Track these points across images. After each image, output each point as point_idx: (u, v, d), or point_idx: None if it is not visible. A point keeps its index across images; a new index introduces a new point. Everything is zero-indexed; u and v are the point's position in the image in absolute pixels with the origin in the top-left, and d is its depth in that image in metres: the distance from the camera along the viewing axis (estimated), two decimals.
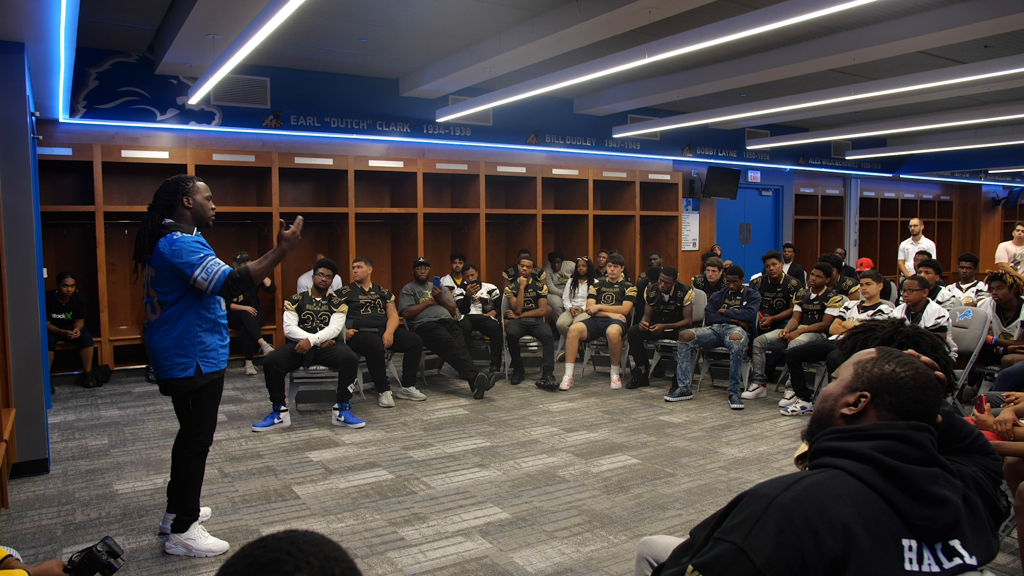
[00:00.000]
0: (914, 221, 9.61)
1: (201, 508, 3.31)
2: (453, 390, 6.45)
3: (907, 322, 1.89)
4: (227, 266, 3.02)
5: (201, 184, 3.18)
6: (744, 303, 6.26)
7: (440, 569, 3.01)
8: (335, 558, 0.83)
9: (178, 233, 3.04)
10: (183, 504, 3.16)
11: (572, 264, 8.26)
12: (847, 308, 5.69)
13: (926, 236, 9.71)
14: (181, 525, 3.15)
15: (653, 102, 9.08)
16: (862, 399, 1.35)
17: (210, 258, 3.00)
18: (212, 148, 7.42)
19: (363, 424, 5.24)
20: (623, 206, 10.13)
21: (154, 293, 3.07)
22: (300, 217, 3.11)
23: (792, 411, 5.61)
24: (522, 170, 9.09)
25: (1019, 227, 8.44)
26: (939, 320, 4.89)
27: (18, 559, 1.68)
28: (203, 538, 3.16)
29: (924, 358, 1.45)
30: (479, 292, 7.01)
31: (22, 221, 4.12)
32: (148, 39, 6.74)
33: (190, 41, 5.89)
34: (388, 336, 5.95)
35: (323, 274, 5.64)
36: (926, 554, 1.22)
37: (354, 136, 8.29)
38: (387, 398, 5.82)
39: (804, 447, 1.62)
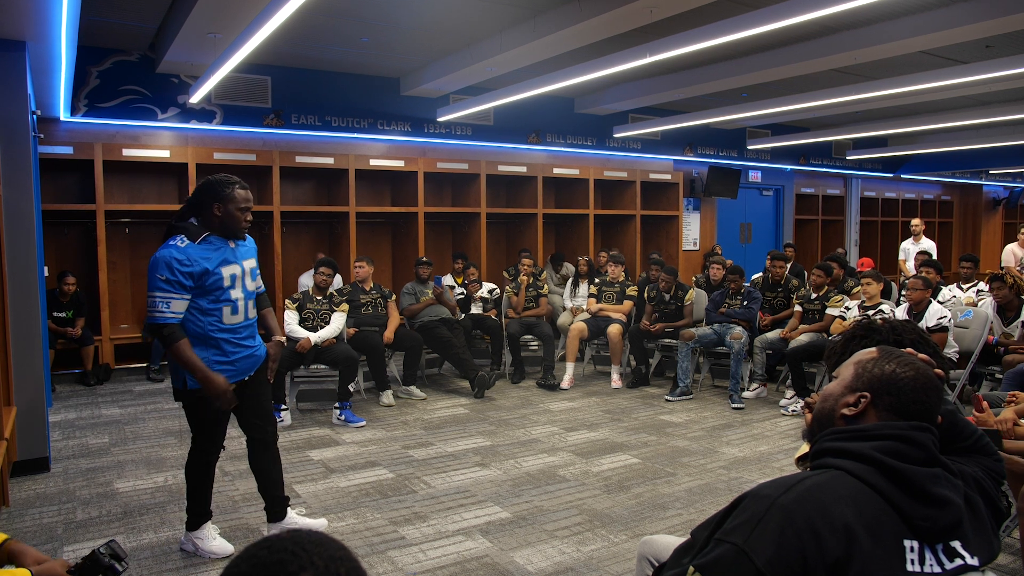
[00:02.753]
0: (915, 221, 9.61)
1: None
2: (453, 389, 6.45)
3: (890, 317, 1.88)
4: (174, 316, 2.81)
5: (241, 193, 2.93)
6: (745, 303, 6.26)
7: (440, 568, 3.01)
8: (340, 558, 0.83)
9: (180, 238, 2.86)
10: (190, 506, 3.17)
11: (572, 267, 8.27)
12: (848, 308, 5.69)
13: (927, 236, 9.71)
14: (190, 524, 3.18)
15: (654, 102, 9.08)
16: (862, 399, 1.35)
17: (169, 293, 2.79)
18: (213, 147, 7.42)
19: (364, 423, 5.24)
20: (624, 206, 10.13)
21: None
22: (233, 400, 2.94)
23: (792, 411, 5.62)
24: (523, 169, 9.09)
25: (1023, 229, 8.44)
26: (940, 320, 4.89)
27: (18, 542, 1.66)
28: (211, 539, 3.17)
29: (922, 356, 1.44)
30: (480, 291, 7.01)
31: (23, 219, 4.12)
32: (149, 38, 6.74)
33: (191, 40, 5.88)
34: (389, 335, 5.95)
35: (324, 273, 5.64)
36: (927, 555, 1.22)
37: (355, 135, 8.29)
38: (388, 397, 5.82)
39: (805, 448, 1.62)
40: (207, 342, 2.93)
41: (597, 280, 7.04)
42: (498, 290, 7.24)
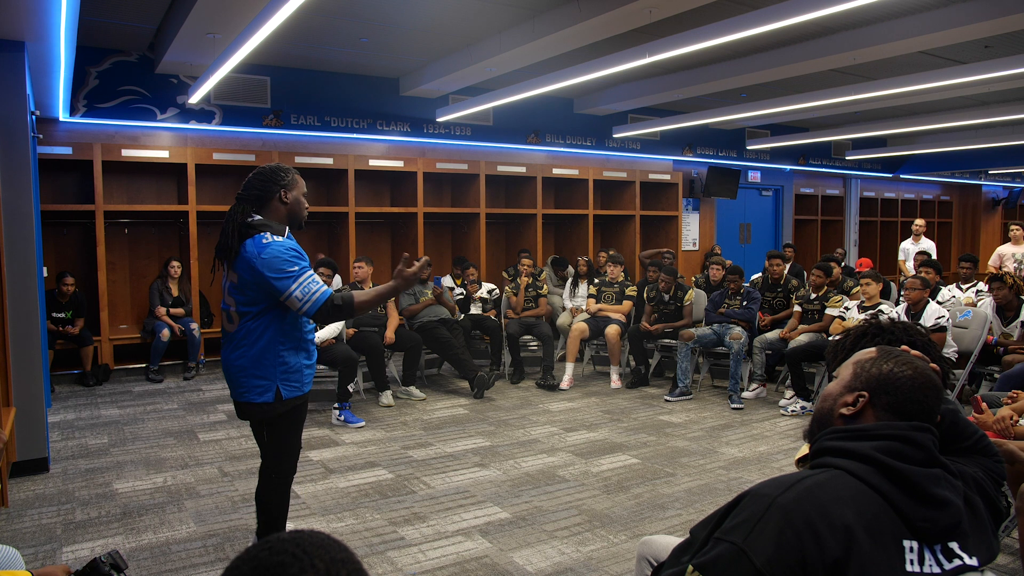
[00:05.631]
0: (918, 221, 9.58)
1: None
2: (453, 389, 6.45)
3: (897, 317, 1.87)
4: (327, 287, 2.56)
5: (300, 178, 2.71)
6: (744, 303, 6.26)
7: (440, 569, 3.01)
8: (341, 560, 0.82)
9: (269, 235, 2.53)
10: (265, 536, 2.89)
11: (574, 269, 8.27)
12: (847, 308, 5.69)
13: (926, 236, 9.72)
14: None
15: (653, 102, 9.08)
16: (860, 399, 1.35)
17: (309, 274, 2.53)
18: (212, 147, 7.42)
19: (363, 424, 5.24)
20: (623, 206, 10.13)
21: (232, 301, 2.61)
22: (427, 258, 2.84)
23: (792, 411, 5.62)
24: (522, 170, 9.09)
25: (1013, 227, 8.43)
26: (939, 320, 4.90)
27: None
28: None
29: (915, 352, 1.44)
30: (479, 292, 7.01)
31: (22, 220, 4.12)
32: (148, 38, 6.74)
33: (190, 40, 5.88)
34: (390, 335, 5.95)
35: (323, 273, 5.63)
36: (927, 555, 1.22)
37: (354, 135, 8.29)
38: (387, 397, 5.82)
39: (805, 449, 1.62)
40: (299, 344, 2.70)
41: (596, 280, 7.05)
42: (497, 290, 7.24)
